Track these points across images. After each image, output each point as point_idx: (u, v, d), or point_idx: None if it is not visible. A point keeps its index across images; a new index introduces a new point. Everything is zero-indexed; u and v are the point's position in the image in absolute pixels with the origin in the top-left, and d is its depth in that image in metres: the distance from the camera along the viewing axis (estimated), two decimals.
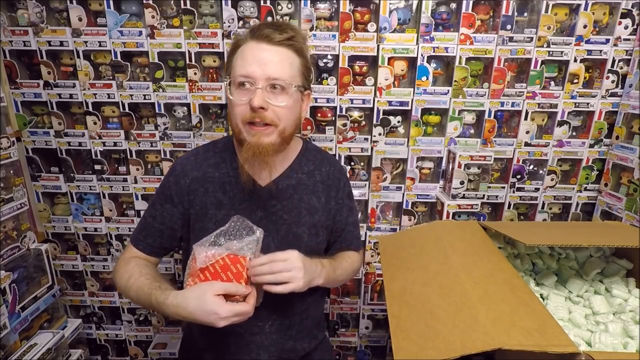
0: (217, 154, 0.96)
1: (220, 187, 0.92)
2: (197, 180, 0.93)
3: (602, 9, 1.31)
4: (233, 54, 0.86)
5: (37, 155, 1.45)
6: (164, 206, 0.94)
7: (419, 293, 0.81)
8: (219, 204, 0.92)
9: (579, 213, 1.49)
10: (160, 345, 1.62)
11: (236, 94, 0.84)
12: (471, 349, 0.62)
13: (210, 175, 0.93)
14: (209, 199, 0.92)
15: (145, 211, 0.98)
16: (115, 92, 1.37)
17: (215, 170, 0.94)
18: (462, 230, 1.06)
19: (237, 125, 0.86)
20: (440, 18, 1.31)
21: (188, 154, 0.98)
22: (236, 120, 0.85)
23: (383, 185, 1.46)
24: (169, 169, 0.97)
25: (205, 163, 0.95)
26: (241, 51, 0.84)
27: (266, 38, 0.82)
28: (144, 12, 1.29)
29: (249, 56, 0.83)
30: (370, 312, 1.63)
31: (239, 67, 0.83)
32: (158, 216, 0.95)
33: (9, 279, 1.19)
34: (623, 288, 0.94)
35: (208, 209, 0.92)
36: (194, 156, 0.96)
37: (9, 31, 1.31)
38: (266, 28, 0.83)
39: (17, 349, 1.24)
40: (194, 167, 0.94)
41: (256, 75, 0.81)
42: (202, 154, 0.96)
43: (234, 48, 0.87)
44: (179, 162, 0.96)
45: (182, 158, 0.97)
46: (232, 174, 0.93)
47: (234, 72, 0.85)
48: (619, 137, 1.36)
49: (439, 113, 1.41)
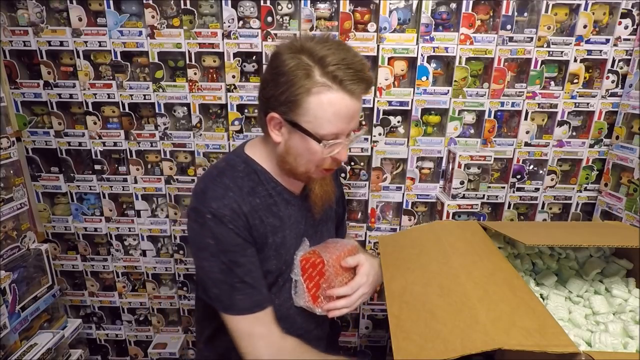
0: (245, 179, 0.85)
1: (268, 212, 0.86)
2: (249, 214, 0.82)
3: (602, 9, 1.30)
4: (304, 96, 0.74)
5: (37, 155, 1.45)
6: (246, 253, 0.82)
7: (419, 293, 0.81)
8: (274, 229, 0.87)
9: (579, 213, 1.49)
10: (160, 345, 1.62)
11: (319, 146, 0.79)
12: (471, 349, 0.62)
13: (254, 203, 0.84)
14: (264, 227, 0.85)
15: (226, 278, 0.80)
16: (115, 92, 1.37)
17: (255, 197, 0.85)
18: (462, 231, 1.06)
19: (306, 169, 0.83)
20: (440, 18, 1.31)
21: (218, 192, 0.81)
22: (309, 165, 0.82)
23: (383, 185, 1.46)
24: (212, 220, 0.78)
25: (244, 193, 0.83)
26: (329, 105, 0.75)
27: (355, 94, 0.77)
28: (144, 12, 1.29)
29: (342, 114, 0.77)
30: (370, 312, 1.63)
31: (328, 125, 0.76)
32: (251, 266, 0.82)
33: (9, 279, 1.19)
34: (623, 288, 0.94)
35: (267, 238, 0.86)
36: (229, 191, 0.81)
37: (9, 31, 1.31)
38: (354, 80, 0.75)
39: (17, 349, 1.24)
40: (239, 202, 0.81)
41: (345, 131, 0.80)
42: (234, 186, 0.83)
43: (305, 87, 0.74)
44: (218, 206, 0.79)
45: (216, 200, 0.79)
46: (273, 194, 0.88)
47: (317, 128, 0.76)
48: (619, 137, 1.36)
49: (439, 113, 1.41)
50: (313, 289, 0.90)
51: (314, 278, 0.89)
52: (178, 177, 1.46)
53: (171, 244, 1.55)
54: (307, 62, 0.74)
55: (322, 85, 0.74)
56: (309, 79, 0.73)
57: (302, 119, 0.77)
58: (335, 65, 0.73)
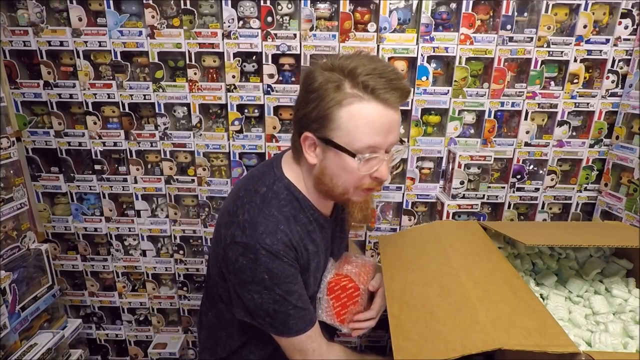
0: (289, 207, 0.84)
1: (308, 239, 0.86)
2: (297, 244, 0.82)
3: (602, 9, 1.30)
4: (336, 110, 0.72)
5: (37, 155, 1.45)
6: (297, 280, 0.83)
7: (419, 293, 0.81)
8: (313, 255, 0.87)
9: (579, 213, 1.49)
10: (160, 345, 1.62)
11: (356, 163, 0.74)
12: (471, 349, 0.62)
13: (299, 232, 0.83)
14: (307, 255, 0.85)
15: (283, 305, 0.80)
16: (115, 92, 1.37)
17: (297, 224, 0.84)
18: (462, 231, 1.06)
19: (345, 190, 0.79)
20: (440, 18, 1.31)
21: (269, 227, 0.79)
22: (347, 185, 0.78)
23: (383, 185, 1.47)
24: (264, 256, 0.77)
25: (291, 224, 0.82)
26: (361, 117, 0.71)
27: (390, 104, 0.73)
28: (144, 12, 1.29)
29: (377, 126, 0.72)
30: None
31: (363, 137, 0.72)
32: (300, 290, 0.84)
33: (9, 279, 1.19)
34: (623, 288, 0.94)
35: (310, 263, 0.86)
36: (277, 224, 0.80)
37: (9, 31, 1.31)
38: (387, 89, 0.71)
39: (17, 349, 1.24)
40: (289, 234, 0.81)
41: (383, 145, 0.74)
42: (281, 217, 0.81)
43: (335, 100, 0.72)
44: (274, 242, 0.77)
45: (270, 235, 0.78)
46: (312, 220, 0.87)
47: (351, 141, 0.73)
48: (619, 137, 1.36)
49: (439, 113, 1.41)
50: (338, 308, 0.93)
51: (342, 299, 0.93)
52: (178, 177, 1.46)
53: (171, 244, 1.55)
54: (337, 76, 0.72)
55: (353, 96, 0.71)
56: (339, 91, 0.72)
57: (334, 134, 0.74)
58: (366, 76, 0.70)
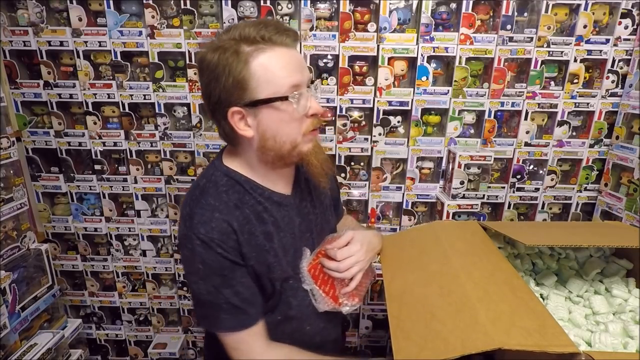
0: (229, 193, 0.82)
1: (259, 221, 0.83)
2: (238, 231, 0.79)
3: (602, 9, 1.30)
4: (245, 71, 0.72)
5: (37, 155, 1.45)
6: (234, 275, 0.80)
7: (419, 293, 0.81)
8: (269, 236, 0.84)
9: (579, 213, 1.49)
10: (160, 345, 1.62)
11: (291, 108, 0.75)
12: (471, 349, 0.62)
13: (242, 217, 0.81)
14: (257, 238, 0.82)
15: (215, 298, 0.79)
16: (115, 92, 1.37)
17: (244, 208, 0.81)
18: (462, 231, 1.06)
19: (293, 142, 0.77)
20: (440, 18, 1.31)
21: (206, 215, 0.78)
22: (294, 136, 0.77)
23: (383, 185, 1.46)
24: (199, 246, 0.76)
25: (229, 210, 0.80)
26: (270, 62, 0.73)
27: (287, 44, 0.75)
28: (144, 12, 1.29)
29: (289, 64, 0.74)
30: (370, 312, 1.63)
31: (283, 79, 0.73)
32: (239, 287, 0.80)
33: (9, 279, 1.19)
34: (623, 288, 0.94)
35: (263, 247, 0.83)
36: (212, 212, 0.78)
37: (9, 31, 1.31)
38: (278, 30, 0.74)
39: (17, 349, 1.24)
40: (227, 222, 0.79)
41: (303, 82, 0.76)
42: (219, 205, 0.80)
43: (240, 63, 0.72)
44: (206, 231, 0.76)
45: (204, 224, 0.77)
46: (262, 201, 0.84)
47: (275, 88, 0.73)
48: (619, 137, 1.36)
49: (439, 113, 1.41)
50: (330, 291, 0.92)
51: (328, 281, 0.91)
52: (178, 177, 1.46)
53: (171, 244, 1.55)
54: (230, 45, 0.73)
55: (255, 50, 0.73)
56: (241, 53, 0.72)
57: (258, 92, 0.74)
58: (255, 32, 0.73)
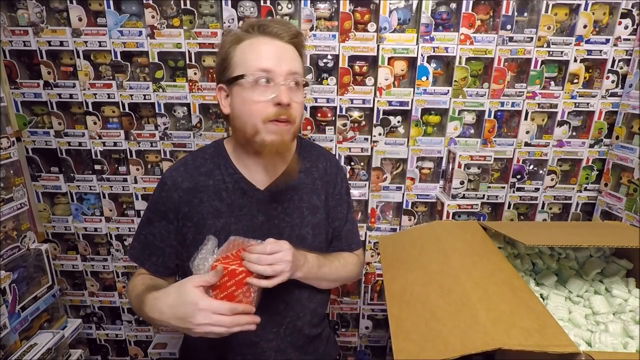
0: (207, 161, 0.91)
1: (216, 195, 0.88)
2: (190, 191, 0.87)
3: (602, 9, 1.31)
4: (232, 51, 0.81)
5: (37, 155, 1.45)
6: (160, 223, 0.89)
7: (419, 293, 0.81)
8: (217, 213, 0.87)
9: (579, 213, 1.49)
10: (160, 345, 1.62)
11: (256, 91, 0.78)
12: (471, 349, 0.62)
13: (204, 184, 0.88)
14: (205, 208, 0.87)
15: (141, 227, 0.92)
16: (115, 92, 1.37)
17: (209, 178, 0.89)
18: (462, 231, 1.06)
19: (254, 126, 0.80)
20: (440, 18, 1.31)
21: (177, 164, 0.91)
22: (254, 120, 0.79)
23: (383, 185, 1.46)
24: (159, 183, 0.90)
25: (196, 172, 0.89)
26: (250, 46, 0.79)
27: (277, 35, 0.80)
28: (144, 12, 1.29)
29: (265, 50, 0.78)
30: (370, 312, 1.63)
31: (253, 62, 0.78)
32: (157, 234, 0.90)
33: (9, 279, 1.19)
34: (623, 288, 0.94)
35: (206, 219, 0.87)
36: (183, 166, 0.90)
37: (9, 31, 1.31)
38: (274, 25, 0.80)
39: (17, 349, 1.24)
40: (185, 178, 0.88)
41: (277, 70, 0.78)
42: (191, 163, 0.91)
43: (232, 45, 0.81)
44: (167, 174, 0.89)
45: (171, 170, 0.90)
46: (227, 180, 0.89)
47: (245, 68, 0.78)
48: (619, 137, 1.36)
49: (439, 113, 1.41)
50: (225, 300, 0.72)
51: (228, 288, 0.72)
52: None
53: None
54: (234, 31, 0.84)
55: (245, 35, 0.81)
56: (234, 37, 0.82)
57: (232, 71, 0.81)
58: (256, 22, 0.82)
